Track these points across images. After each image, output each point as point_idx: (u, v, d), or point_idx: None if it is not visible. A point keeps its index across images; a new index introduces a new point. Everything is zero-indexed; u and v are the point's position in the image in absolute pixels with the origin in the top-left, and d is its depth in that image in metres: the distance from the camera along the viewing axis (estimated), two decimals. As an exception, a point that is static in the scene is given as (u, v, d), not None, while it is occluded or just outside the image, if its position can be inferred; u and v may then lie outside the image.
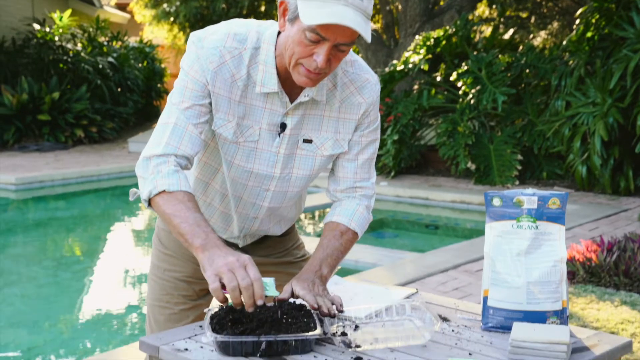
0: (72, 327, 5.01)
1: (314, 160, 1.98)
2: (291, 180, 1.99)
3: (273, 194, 2.00)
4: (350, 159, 2.01)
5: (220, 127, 1.90)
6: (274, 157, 1.94)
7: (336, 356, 1.62)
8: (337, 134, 1.97)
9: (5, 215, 8.82)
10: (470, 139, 8.83)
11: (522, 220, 1.77)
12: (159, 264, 2.17)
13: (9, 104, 12.64)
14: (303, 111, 1.92)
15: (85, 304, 5.56)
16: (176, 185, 1.79)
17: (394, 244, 7.17)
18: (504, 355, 1.64)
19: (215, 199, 2.05)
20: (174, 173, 1.80)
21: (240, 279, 1.61)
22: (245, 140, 1.91)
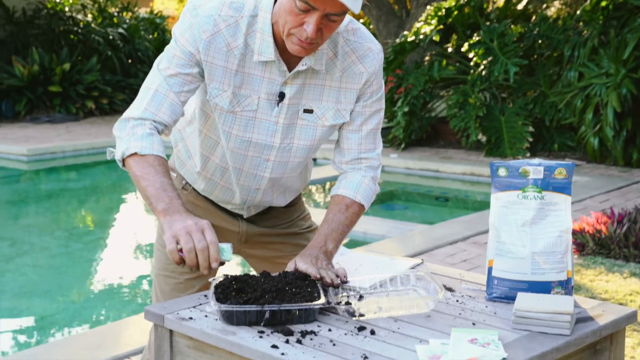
0: (83, 297, 5.07)
1: (314, 130, 1.96)
2: (292, 151, 1.98)
3: (274, 164, 1.99)
4: (354, 129, 2.00)
5: (215, 97, 1.89)
6: (272, 126, 1.93)
7: (340, 325, 1.63)
8: (339, 104, 1.95)
9: (17, 186, 8.88)
10: (482, 110, 8.77)
11: (528, 191, 1.76)
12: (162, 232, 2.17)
13: (20, 75, 12.65)
14: (302, 80, 1.90)
15: (97, 273, 5.62)
16: (149, 149, 1.79)
17: (404, 216, 7.17)
18: (508, 326, 1.64)
19: (216, 174, 2.05)
20: (148, 136, 1.80)
21: (196, 241, 1.62)
22: (242, 109, 1.90)
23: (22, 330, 4.41)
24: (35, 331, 4.39)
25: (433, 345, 1.52)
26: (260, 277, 1.76)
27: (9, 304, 4.79)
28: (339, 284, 1.75)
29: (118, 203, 8.13)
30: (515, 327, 1.62)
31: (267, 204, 2.15)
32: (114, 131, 1.87)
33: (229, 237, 2.13)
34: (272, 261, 2.20)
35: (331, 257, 1.88)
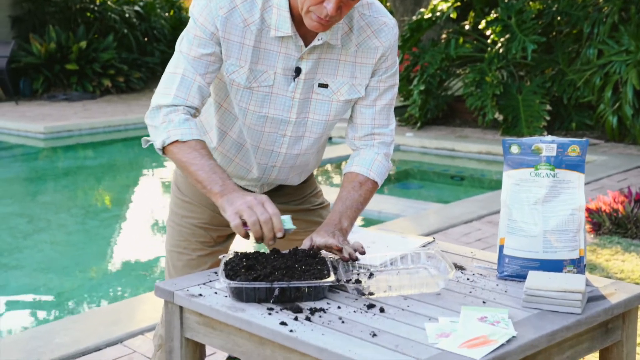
0: (100, 273, 5.11)
1: (329, 105, 1.96)
2: (307, 125, 1.98)
3: (290, 139, 1.99)
4: (368, 105, 1.99)
5: (232, 73, 1.88)
6: (289, 101, 1.92)
7: (349, 303, 1.62)
8: (354, 79, 1.94)
9: (35, 164, 8.94)
10: (498, 89, 8.68)
11: (541, 168, 1.74)
12: (176, 210, 2.17)
13: (38, 53, 12.69)
14: (318, 55, 1.89)
15: (113, 250, 5.66)
16: (189, 134, 1.81)
17: (419, 195, 7.15)
18: (518, 304, 1.63)
19: (232, 150, 2.05)
20: (185, 122, 1.82)
21: (259, 213, 1.66)
22: (259, 85, 1.90)
23: (39, 306, 4.46)
24: (52, 307, 4.43)
25: (442, 323, 1.52)
26: (270, 254, 1.76)
27: (27, 280, 4.84)
28: (356, 257, 1.75)
29: (134, 181, 8.16)
30: (526, 306, 1.61)
31: (281, 182, 2.14)
32: (147, 120, 1.88)
33: None
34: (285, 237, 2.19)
35: (346, 234, 1.88)
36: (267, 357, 1.54)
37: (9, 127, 9.96)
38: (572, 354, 1.62)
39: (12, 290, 4.66)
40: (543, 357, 1.54)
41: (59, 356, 3.01)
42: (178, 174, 2.19)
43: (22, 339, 3.22)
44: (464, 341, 1.43)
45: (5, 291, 4.64)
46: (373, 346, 1.41)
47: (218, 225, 2.13)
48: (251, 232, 1.67)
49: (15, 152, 9.57)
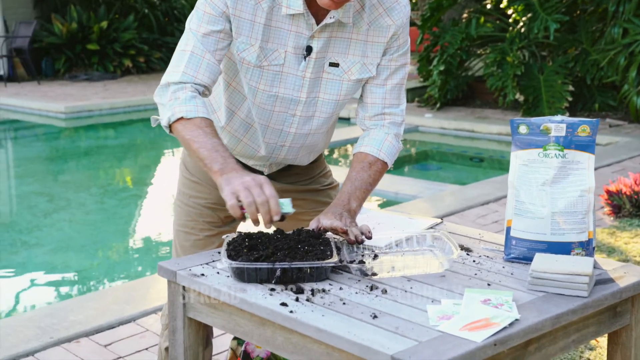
0: (117, 252, 5.15)
1: (340, 84, 1.93)
2: (317, 105, 1.95)
3: (299, 119, 1.97)
4: (379, 84, 1.97)
5: (243, 51, 1.86)
6: (299, 81, 1.90)
7: (351, 284, 1.61)
8: (365, 58, 1.92)
9: (55, 143, 9.02)
10: (520, 69, 8.56)
11: (549, 149, 1.70)
12: (184, 190, 2.17)
13: (59, 33, 12.75)
14: (329, 34, 1.87)
15: (130, 230, 5.70)
16: (194, 112, 1.78)
17: (437, 176, 7.10)
18: (524, 287, 1.60)
19: (240, 130, 2.03)
20: (191, 99, 1.80)
21: (256, 195, 1.62)
22: (269, 64, 1.88)
23: (57, 284, 4.51)
24: (69, 285, 4.48)
25: (445, 305, 1.50)
26: (274, 234, 1.74)
27: (46, 258, 4.90)
28: (363, 240, 1.74)
29: (153, 160, 8.20)
30: (532, 289, 1.58)
31: (290, 162, 2.13)
32: (155, 98, 1.86)
33: None
34: (293, 217, 2.18)
35: (355, 215, 1.86)
36: (267, 338, 1.53)
37: (31, 107, 10.05)
38: (579, 337, 1.59)
39: (32, 268, 4.72)
40: (548, 341, 1.52)
41: (73, 333, 3.04)
42: (186, 153, 2.18)
43: (38, 315, 3.25)
44: (466, 324, 1.40)
45: (25, 269, 4.70)
46: (373, 328, 1.40)
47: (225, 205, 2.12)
48: (247, 214, 1.64)
49: (36, 131, 9.65)
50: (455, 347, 1.32)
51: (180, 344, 1.70)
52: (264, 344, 1.55)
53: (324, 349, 1.42)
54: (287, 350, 1.50)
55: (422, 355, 1.29)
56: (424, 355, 1.29)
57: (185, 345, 1.71)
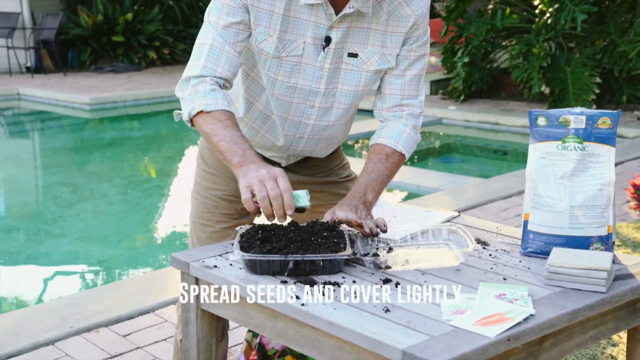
0: (139, 243, 5.18)
1: (359, 75, 1.91)
2: (336, 96, 1.94)
3: (318, 110, 1.95)
4: (398, 75, 1.94)
5: (261, 42, 1.85)
6: (318, 72, 1.88)
7: (365, 277, 1.59)
8: (384, 48, 1.90)
9: (80, 134, 9.09)
10: (546, 61, 8.45)
11: (568, 141, 1.67)
12: (201, 181, 2.16)
13: (85, 25, 12.83)
14: (348, 24, 1.85)
15: (152, 221, 5.73)
16: (213, 105, 1.78)
17: (460, 169, 7.05)
18: (541, 282, 1.57)
19: (257, 121, 2.02)
20: (211, 92, 1.79)
21: (269, 189, 1.61)
22: (288, 54, 1.86)
23: (79, 274, 4.55)
24: (90, 275, 4.52)
25: (458, 299, 1.47)
26: (287, 226, 1.73)
27: (69, 248, 4.94)
28: (377, 232, 1.72)
29: (176, 152, 8.23)
30: (548, 284, 1.56)
31: (308, 154, 2.11)
32: (176, 92, 1.86)
33: None
34: (310, 209, 2.16)
35: (370, 207, 1.84)
36: (279, 331, 1.52)
37: (56, 98, 10.14)
38: (596, 333, 1.56)
39: (55, 258, 4.76)
40: (564, 336, 1.49)
41: (93, 323, 3.07)
42: (203, 145, 2.18)
43: (59, 305, 3.28)
44: (479, 319, 1.38)
45: (49, 259, 4.75)
46: (384, 322, 1.38)
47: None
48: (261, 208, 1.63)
49: (62, 122, 9.74)
50: (468, 342, 1.30)
51: (193, 335, 1.70)
52: (276, 336, 1.54)
53: (335, 343, 1.41)
54: (299, 344, 1.49)
55: (433, 350, 1.27)
56: (435, 350, 1.27)
57: (198, 337, 1.70)
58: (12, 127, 9.77)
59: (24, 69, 12.29)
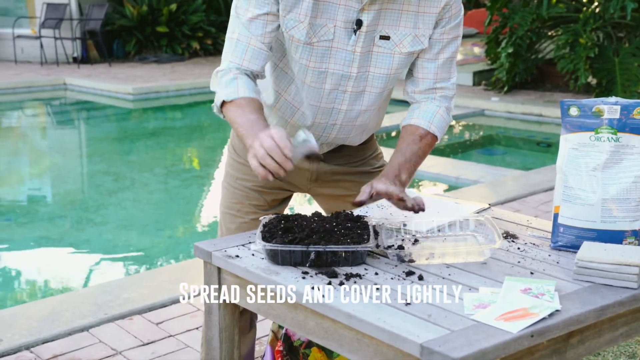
0: (177, 232, 5.23)
1: (391, 58, 1.88)
2: (368, 80, 1.91)
3: (350, 95, 1.93)
4: (431, 58, 1.92)
5: (291, 29, 1.83)
6: (350, 55, 1.86)
7: (388, 269, 1.56)
8: (416, 30, 1.86)
9: (123, 124, 9.21)
10: (593, 51, 8.26)
11: (601, 132, 1.61)
12: (231, 172, 2.15)
13: (130, 16, 12.99)
14: (379, 6, 1.82)
15: (192, 210, 5.77)
16: (234, 94, 1.79)
17: (502, 161, 6.94)
18: (569, 276, 1.52)
19: (287, 112, 2.00)
20: (232, 81, 1.80)
21: (265, 145, 1.59)
22: (319, 40, 1.84)
23: (118, 262, 4.61)
24: (129, 262, 4.57)
25: (482, 293, 1.44)
26: (310, 217, 1.71)
27: (109, 236, 5.01)
28: (419, 208, 1.71)
29: (216, 142, 8.28)
30: (577, 278, 1.51)
31: (341, 142, 2.09)
32: (211, 87, 1.89)
33: (300, 176, 2.10)
34: (342, 199, 2.15)
35: (405, 187, 1.82)
36: (300, 322, 1.51)
37: (101, 88, 10.29)
38: (627, 330, 1.51)
39: (95, 246, 4.83)
40: (592, 333, 1.44)
41: (127, 310, 3.09)
42: (234, 135, 2.17)
43: (94, 292, 3.32)
44: (502, 313, 1.34)
45: (89, 246, 4.82)
46: (404, 315, 1.35)
47: (272, 188, 2.10)
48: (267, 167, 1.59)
49: (106, 112, 9.88)
50: (489, 338, 1.26)
51: (216, 325, 1.70)
52: (297, 328, 1.52)
53: (354, 335, 1.39)
54: (319, 336, 1.47)
55: (452, 345, 1.24)
56: (454, 345, 1.24)
57: (221, 327, 1.70)
58: (58, 116, 9.95)
59: (71, 59, 12.50)
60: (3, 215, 5.46)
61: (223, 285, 1.67)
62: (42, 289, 4.22)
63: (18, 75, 11.04)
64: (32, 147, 8.15)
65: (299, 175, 2.09)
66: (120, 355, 2.74)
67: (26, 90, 10.45)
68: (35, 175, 6.90)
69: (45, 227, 5.19)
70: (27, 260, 4.66)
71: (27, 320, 2.98)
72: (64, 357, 2.71)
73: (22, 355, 2.72)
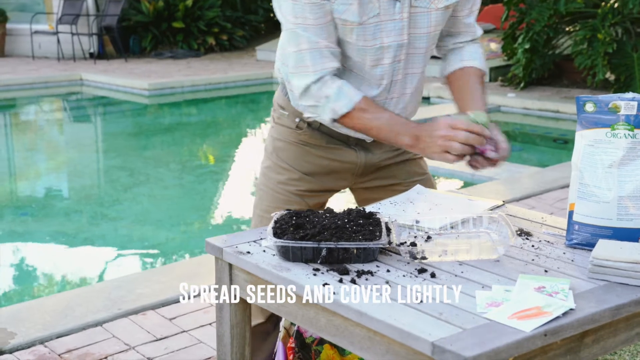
0: (192, 227, 5.23)
1: (429, 16, 1.89)
2: (411, 42, 1.92)
3: (403, 63, 1.94)
4: (466, 15, 2.00)
5: (343, 13, 1.82)
6: (399, 24, 1.86)
7: (400, 267, 1.55)
8: None
9: (138, 119, 9.25)
10: (611, 46, 8.17)
11: (618, 128, 1.58)
12: (272, 175, 2.09)
13: (146, 12, 13.03)
14: None
15: (206, 206, 5.78)
16: (350, 103, 1.83)
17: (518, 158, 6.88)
18: (584, 275, 1.50)
19: None
20: (340, 93, 1.83)
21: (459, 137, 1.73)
22: (368, 17, 1.84)
23: (132, 257, 4.62)
24: (143, 258, 4.59)
25: (495, 291, 1.42)
26: (322, 213, 1.70)
27: (125, 231, 5.03)
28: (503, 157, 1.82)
29: (232, 138, 8.29)
30: (592, 277, 1.48)
31: None
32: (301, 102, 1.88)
33: (347, 171, 2.08)
34: (389, 189, 2.13)
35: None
36: (310, 319, 1.49)
37: (117, 84, 10.33)
38: (643, 331, 1.49)
39: (110, 241, 4.85)
40: (607, 333, 1.42)
41: (140, 306, 3.10)
42: (277, 138, 2.10)
43: (107, 287, 3.33)
44: (515, 312, 1.32)
45: (104, 241, 4.84)
46: (416, 313, 1.34)
47: (317, 190, 2.07)
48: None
49: (122, 107, 9.93)
50: (501, 336, 1.25)
51: (227, 321, 1.69)
52: (308, 325, 1.51)
53: (365, 333, 1.38)
54: (330, 333, 1.46)
55: (464, 343, 1.22)
56: (466, 344, 1.22)
57: (232, 323, 1.69)
58: (74, 112, 10.01)
59: (88, 55, 12.56)
60: (20, 209, 5.50)
61: (234, 282, 1.66)
62: (57, 283, 4.24)
63: (35, 71, 11.11)
64: (49, 142, 8.21)
65: (346, 171, 2.08)
66: (133, 351, 2.75)
67: (43, 86, 10.51)
68: (52, 170, 6.95)
69: (60, 221, 5.22)
70: (43, 255, 4.70)
71: (42, 315, 2.99)
72: (77, 352, 2.72)
73: (36, 350, 2.73)
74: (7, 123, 9.15)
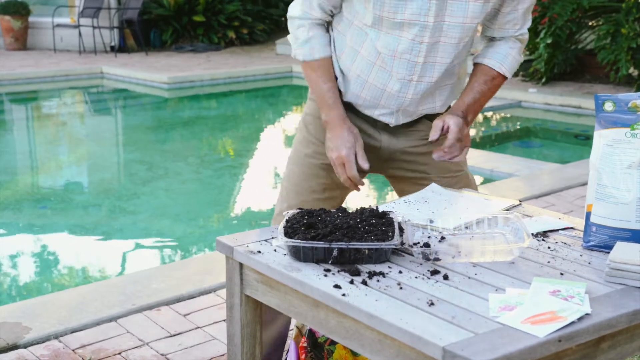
0: (209, 222, 5.23)
1: (466, 5, 1.85)
2: (443, 30, 1.88)
3: (427, 46, 1.89)
4: (511, 11, 1.96)
5: None
6: (426, 4, 1.83)
7: (412, 268, 1.52)
8: None
9: (158, 113, 9.26)
10: (635, 41, 8.05)
11: (637, 128, 1.54)
12: (300, 148, 2.14)
13: (167, 5, 13.04)
14: None
15: (224, 200, 5.78)
16: (309, 55, 1.98)
17: (539, 154, 6.82)
18: (601, 278, 1.47)
19: (365, 70, 1.97)
20: (306, 42, 1.97)
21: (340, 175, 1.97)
22: None
23: (149, 251, 4.63)
24: (160, 252, 4.59)
25: (509, 294, 1.39)
26: (334, 212, 1.68)
27: (142, 225, 5.04)
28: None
29: (251, 132, 8.28)
30: (610, 280, 1.45)
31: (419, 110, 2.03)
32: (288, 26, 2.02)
33: (371, 151, 2.06)
34: (416, 182, 2.11)
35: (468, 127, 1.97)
36: (321, 320, 1.47)
37: (137, 77, 10.36)
38: (662, 336, 1.45)
39: (128, 235, 4.86)
40: (624, 338, 1.39)
41: (154, 301, 3.09)
42: (307, 112, 2.15)
43: (123, 282, 3.33)
44: (529, 316, 1.29)
45: (122, 235, 4.85)
46: (427, 316, 1.31)
47: None
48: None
49: (141, 101, 9.95)
50: (514, 342, 1.22)
51: (237, 321, 1.67)
52: (318, 326, 1.49)
53: (375, 336, 1.35)
54: (340, 335, 1.44)
55: (475, 349, 1.20)
56: (477, 349, 1.20)
57: (242, 323, 1.67)
58: (94, 105, 10.05)
59: (109, 48, 12.61)
60: (39, 202, 5.53)
61: (245, 281, 1.64)
62: (75, 276, 4.26)
63: (56, 64, 11.17)
64: (69, 135, 8.25)
65: (370, 152, 2.06)
66: (147, 346, 2.75)
67: (64, 79, 10.56)
68: (71, 163, 6.98)
69: (79, 215, 5.24)
70: (61, 248, 4.72)
71: (57, 310, 3.00)
72: (91, 347, 2.73)
73: (50, 344, 2.74)
74: (28, 116, 9.22)
